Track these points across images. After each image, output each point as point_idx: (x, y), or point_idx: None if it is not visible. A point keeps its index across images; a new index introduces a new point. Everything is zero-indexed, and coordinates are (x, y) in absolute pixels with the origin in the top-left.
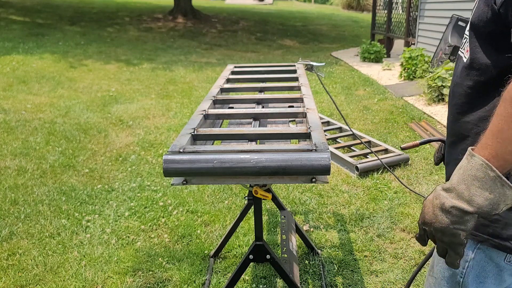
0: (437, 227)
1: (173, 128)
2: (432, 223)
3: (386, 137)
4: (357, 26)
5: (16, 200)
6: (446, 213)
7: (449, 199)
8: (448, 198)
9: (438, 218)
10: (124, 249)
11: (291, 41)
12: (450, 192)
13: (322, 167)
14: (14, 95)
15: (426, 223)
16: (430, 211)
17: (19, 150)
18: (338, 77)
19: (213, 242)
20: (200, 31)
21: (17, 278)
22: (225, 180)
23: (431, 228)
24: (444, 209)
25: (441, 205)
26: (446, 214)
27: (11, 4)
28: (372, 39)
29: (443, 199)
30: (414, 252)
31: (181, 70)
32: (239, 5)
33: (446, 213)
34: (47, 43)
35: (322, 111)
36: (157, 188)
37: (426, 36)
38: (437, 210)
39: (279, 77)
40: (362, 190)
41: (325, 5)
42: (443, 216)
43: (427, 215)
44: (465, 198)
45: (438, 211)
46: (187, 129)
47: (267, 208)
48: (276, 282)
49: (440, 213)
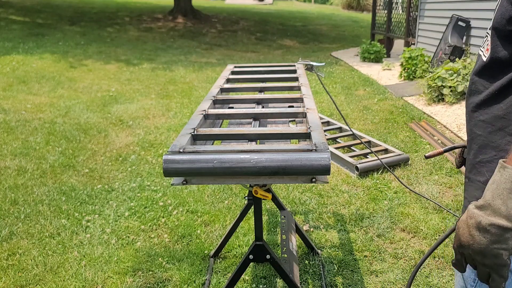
0: (476, 249)
1: (173, 128)
2: (470, 245)
3: (386, 137)
4: (357, 26)
5: (16, 200)
6: (484, 232)
7: (485, 217)
8: (484, 216)
9: (476, 239)
10: (124, 249)
11: (291, 41)
12: (485, 210)
13: (322, 167)
14: (14, 95)
15: (463, 246)
16: (466, 233)
17: (19, 150)
18: (338, 77)
19: (213, 242)
20: (200, 31)
21: (17, 278)
22: (225, 180)
23: (469, 251)
24: (481, 228)
25: (477, 224)
26: (484, 233)
27: (11, 4)
28: (372, 39)
29: (479, 217)
30: (414, 252)
31: (181, 70)
32: (239, 5)
33: (484, 232)
34: (47, 43)
35: (322, 111)
36: (157, 188)
37: (426, 36)
38: (473, 230)
39: (279, 77)
40: (362, 190)
41: (325, 5)
42: (481, 236)
43: (463, 237)
44: (503, 214)
45: (474, 232)
46: (187, 129)
47: (267, 208)
48: (276, 282)
49: (477, 233)
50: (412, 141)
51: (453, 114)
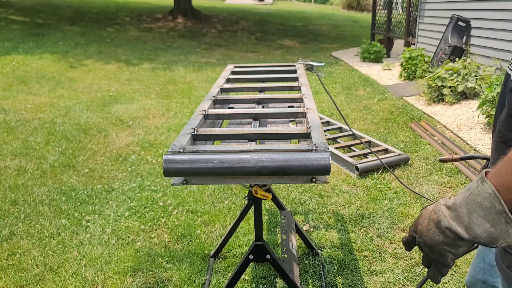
0: (427, 241)
1: (173, 128)
2: (423, 236)
3: (386, 137)
4: (357, 26)
5: (16, 200)
6: (440, 231)
7: (447, 218)
8: (446, 217)
9: (431, 234)
10: (124, 249)
11: (291, 41)
12: (450, 211)
13: (322, 167)
14: (14, 95)
15: (417, 232)
16: (425, 223)
17: (19, 150)
18: (338, 77)
19: (213, 242)
20: (200, 31)
21: (17, 278)
22: (225, 180)
23: (421, 239)
24: (439, 227)
25: (437, 222)
26: (440, 232)
27: (11, 4)
28: (372, 39)
29: (441, 216)
30: (414, 252)
31: (181, 70)
32: (239, 5)
33: (440, 232)
34: (47, 43)
35: (322, 111)
36: (157, 188)
37: (426, 36)
38: (432, 224)
39: (279, 77)
40: (362, 190)
41: (325, 5)
42: (435, 234)
43: (421, 225)
44: (464, 223)
45: (432, 226)
46: (187, 129)
47: (267, 208)
48: (276, 282)
49: (434, 229)
50: (412, 141)
51: (453, 114)
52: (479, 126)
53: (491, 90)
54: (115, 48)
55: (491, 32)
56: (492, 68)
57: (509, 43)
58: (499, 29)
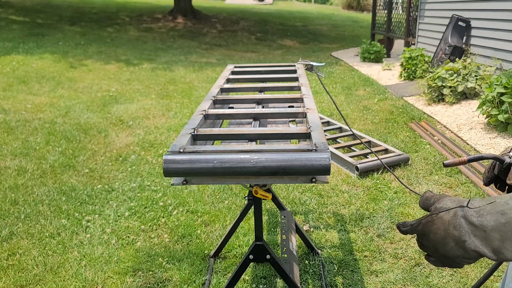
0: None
1: (173, 128)
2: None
3: (386, 137)
4: (357, 26)
5: (16, 200)
6: (462, 249)
7: (473, 240)
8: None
9: (447, 248)
10: (124, 249)
11: (291, 41)
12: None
13: (322, 167)
14: (14, 95)
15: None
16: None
17: (19, 150)
18: (338, 77)
19: (213, 242)
20: (200, 31)
21: (17, 278)
22: (225, 180)
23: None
24: (461, 246)
25: (459, 241)
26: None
27: (11, 4)
28: (372, 39)
29: (466, 236)
30: (414, 252)
31: (181, 70)
32: (239, 5)
33: (462, 250)
34: (47, 43)
35: (322, 111)
36: (157, 188)
37: (426, 36)
38: (450, 240)
39: (279, 77)
40: (362, 190)
41: (325, 5)
42: (454, 249)
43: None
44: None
45: (451, 242)
46: (187, 129)
47: (267, 208)
48: (276, 282)
49: (453, 245)
50: (412, 141)
51: (453, 114)
52: (479, 126)
53: (491, 90)
54: (115, 48)
55: (491, 32)
56: (492, 68)
57: (509, 43)
58: (499, 29)
